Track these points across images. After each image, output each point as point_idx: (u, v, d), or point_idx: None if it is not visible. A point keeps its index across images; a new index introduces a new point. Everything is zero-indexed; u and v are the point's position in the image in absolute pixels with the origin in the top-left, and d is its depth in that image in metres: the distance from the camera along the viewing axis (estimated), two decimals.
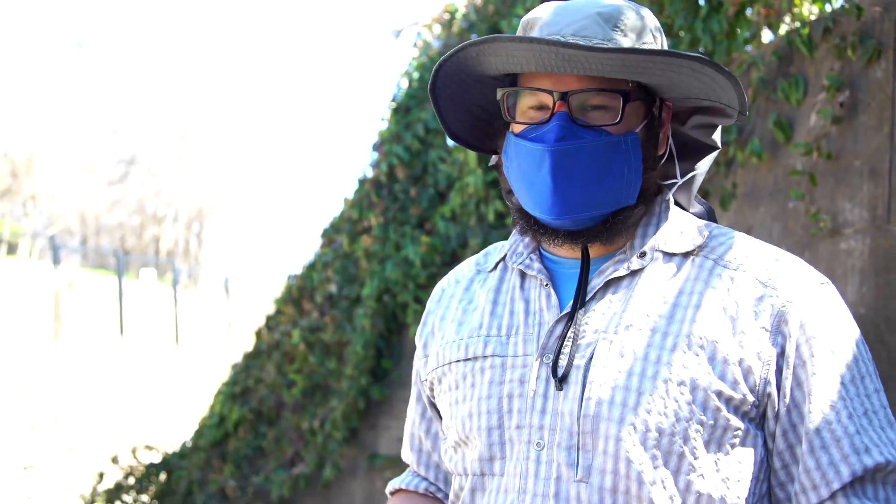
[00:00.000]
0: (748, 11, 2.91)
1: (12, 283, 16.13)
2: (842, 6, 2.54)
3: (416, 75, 5.17)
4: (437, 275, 4.64)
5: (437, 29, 5.30)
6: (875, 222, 2.43)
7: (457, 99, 1.32)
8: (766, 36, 2.91)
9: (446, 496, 1.41)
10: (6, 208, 27.57)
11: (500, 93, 1.25)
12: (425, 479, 1.45)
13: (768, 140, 2.81)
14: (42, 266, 17.46)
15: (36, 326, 14.51)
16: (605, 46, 1.14)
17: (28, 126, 27.88)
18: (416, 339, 1.43)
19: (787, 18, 2.80)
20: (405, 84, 5.23)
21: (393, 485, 1.47)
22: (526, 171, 1.21)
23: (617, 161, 1.19)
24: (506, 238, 4.12)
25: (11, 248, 22.52)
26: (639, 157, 1.21)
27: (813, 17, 2.71)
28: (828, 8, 2.67)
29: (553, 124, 1.18)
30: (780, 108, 2.76)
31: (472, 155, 4.30)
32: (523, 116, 1.24)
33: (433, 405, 1.42)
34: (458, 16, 5.13)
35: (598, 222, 1.22)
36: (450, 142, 4.91)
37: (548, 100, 1.21)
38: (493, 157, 1.36)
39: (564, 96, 1.19)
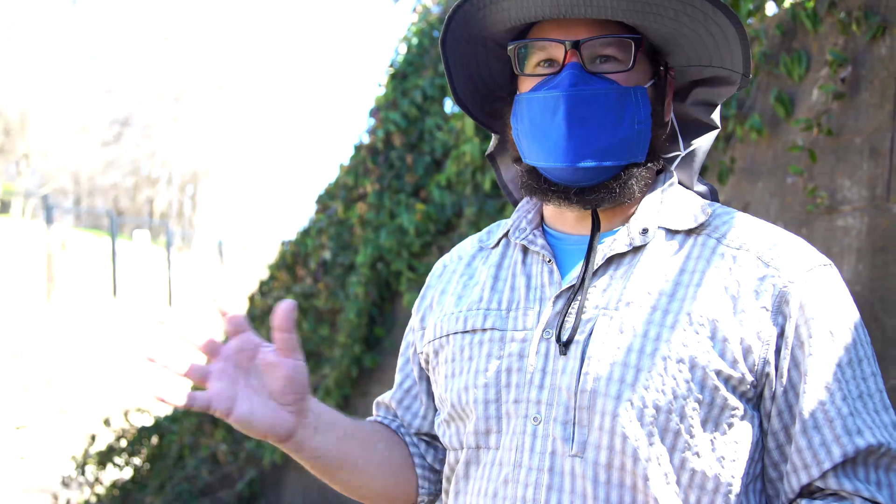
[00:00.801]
0: None
1: (5, 243, 16.08)
2: None
3: (414, 41, 5.12)
4: (431, 243, 4.62)
5: None
6: (874, 201, 2.41)
7: (464, 62, 1.32)
8: (770, 9, 2.88)
9: (405, 450, 1.41)
10: None
11: (510, 48, 1.25)
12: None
13: (769, 115, 2.79)
14: (35, 226, 17.40)
15: (28, 287, 14.49)
16: None
17: (22, 84, 27.66)
18: (414, 312, 1.43)
19: None
20: (403, 50, 5.18)
21: (371, 419, 1.47)
22: (539, 123, 1.22)
23: (627, 111, 1.20)
24: (501, 208, 4.10)
25: (4, 207, 22.43)
26: (647, 110, 1.22)
27: None
28: None
29: (566, 72, 1.19)
30: (782, 83, 2.73)
31: (469, 123, 4.27)
32: (533, 72, 1.24)
33: (423, 379, 1.42)
34: None
35: (609, 176, 1.22)
36: (448, 108, 4.87)
37: (558, 52, 1.21)
38: (491, 142, 1.37)
39: (576, 45, 1.19)
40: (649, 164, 1.25)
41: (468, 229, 4.21)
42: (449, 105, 4.87)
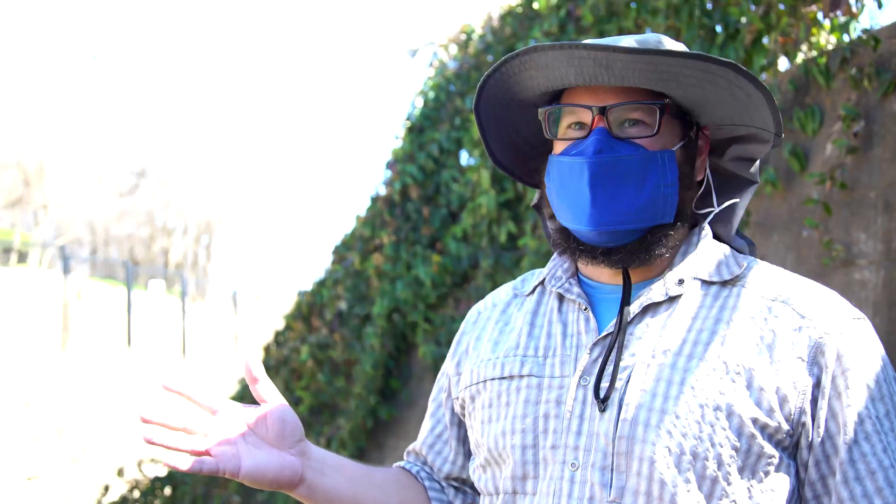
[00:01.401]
0: (765, 40, 2.92)
1: (21, 292, 16.17)
2: (859, 37, 2.55)
3: (431, 95, 5.19)
4: (447, 295, 4.64)
5: (454, 49, 5.33)
6: (889, 255, 2.42)
7: (500, 125, 1.36)
8: (783, 64, 2.92)
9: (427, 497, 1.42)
10: (17, 217, 27.69)
11: (541, 112, 1.29)
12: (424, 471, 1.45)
13: (783, 169, 2.82)
14: (51, 275, 17.51)
15: (44, 336, 14.53)
16: (643, 48, 1.17)
17: (40, 135, 28.03)
18: (448, 358, 1.44)
19: (804, 47, 2.81)
20: (420, 103, 5.25)
21: (398, 464, 1.49)
22: (566, 186, 1.25)
23: (653, 175, 1.22)
24: (517, 260, 4.12)
25: (21, 257, 22.59)
26: (675, 174, 1.24)
27: (830, 47, 2.71)
28: (845, 38, 2.68)
29: (592, 138, 1.22)
30: (796, 137, 2.77)
31: (484, 176, 4.31)
32: (564, 136, 1.28)
33: (455, 424, 1.43)
34: (475, 36, 5.16)
35: (635, 238, 1.24)
36: (464, 161, 4.92)
37: (586, 117, 1.24)
38: (536, 196, 1.40)
39: (603, 111, 1.23)
40: (678, 224, 1.27)
41: (484, 281, 4.23)
42: (465, 158, 4.93)
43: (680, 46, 1.29)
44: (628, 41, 1.24)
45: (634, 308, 1.25)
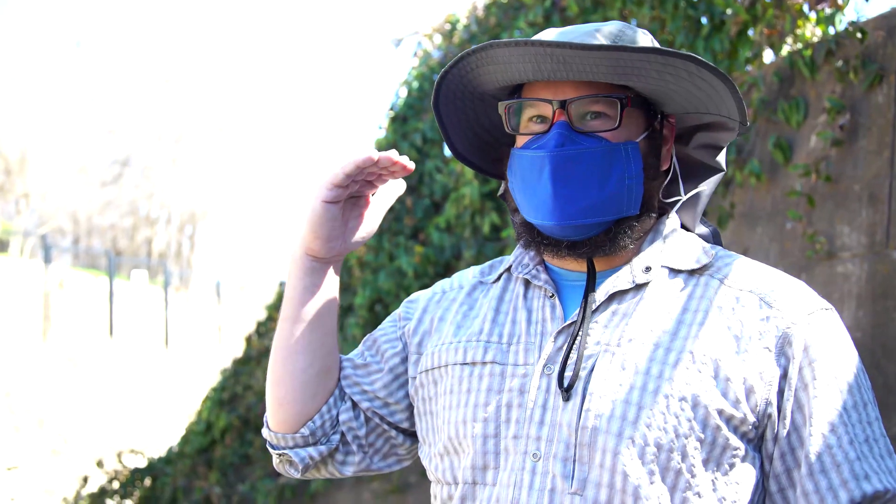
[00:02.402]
0: (750, 31, 2.90)
1: (2, 282, 16.04)
2: (845, 29, 2.53)
3: (415, 85, 5.16)
4: (429, 285, 4.61)
5: (438, 39, 5.30)
6: (874, 248, 2.41)
7: (461, 118, 1.34)
8: (768, 56, 2.91)
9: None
10: None
11: (501, 106, 1.27)
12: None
13: (767, 161, 2.80)
14: (33, 265, 17.36)
15: (25, 326, 14.42)
16: (599, 44, 1.15)
17: (23, 124, 27.80)
18: (409, 331, 1.39)
19: (790, 39, 2.79)
20: (404, 93, 5.22)
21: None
22: (528, 180, 1.23)
23: (616, 168, 1.21)
24: (500, 251, 4.10)
25: (2, 247, 22.42)
26: (639, 165, 1.22)
27: (815, 39, 2.70)
28: (831, 30, 2.66)
29: (553, 132, 1.20)
30: (780, 129, 2.75)
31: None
32: (525, 129, 1.26)
33: (392, 373, 1.38)
34: (460, 26, 5.13)
35: (600, 231, 1.23)
36: (447, 152, 4.89)
37: (547, 111, 1.23)
38: (502, 186, 1.38)
39: (563, 105, 1.21)
40: (644, 215, 1.26)
41: None
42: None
43: (644, 36, 1.27)
44: (589, 34, 1.23)
45: (600, 296, 1.23)
